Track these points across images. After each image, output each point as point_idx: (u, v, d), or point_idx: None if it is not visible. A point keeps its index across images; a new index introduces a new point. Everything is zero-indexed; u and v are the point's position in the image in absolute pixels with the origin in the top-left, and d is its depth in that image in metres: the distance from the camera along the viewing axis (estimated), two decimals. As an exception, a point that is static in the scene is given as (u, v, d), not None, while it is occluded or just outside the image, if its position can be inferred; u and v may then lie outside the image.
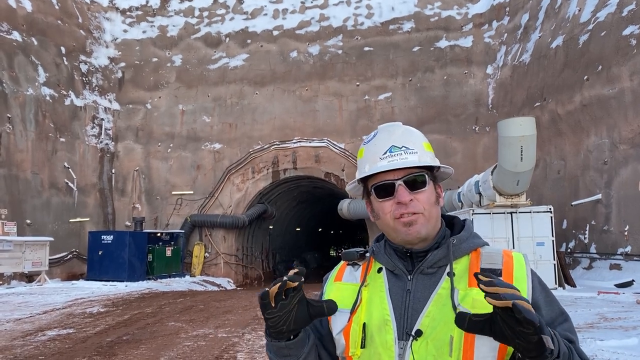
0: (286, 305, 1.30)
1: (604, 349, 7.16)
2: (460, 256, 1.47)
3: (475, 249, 1.49)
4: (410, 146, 1.50)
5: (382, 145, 1.52)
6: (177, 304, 14.20)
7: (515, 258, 1.46)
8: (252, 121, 25.77)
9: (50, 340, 8.89)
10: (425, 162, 1.49)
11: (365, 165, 1.54)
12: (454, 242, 1.47)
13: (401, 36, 25.41)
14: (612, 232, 16.35)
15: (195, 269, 24.73)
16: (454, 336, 1.34)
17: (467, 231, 1.51)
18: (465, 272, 1.44)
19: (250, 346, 8.40)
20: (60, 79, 23.50)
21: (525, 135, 13.95)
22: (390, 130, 1.56)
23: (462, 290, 1.39)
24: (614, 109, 16.61)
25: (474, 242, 1.49)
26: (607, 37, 17.06)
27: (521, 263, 1.44)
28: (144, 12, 27.65)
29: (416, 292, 1.44)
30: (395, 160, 1.47)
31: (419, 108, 24.20)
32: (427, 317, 1.39)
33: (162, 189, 25.90)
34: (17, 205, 20.49)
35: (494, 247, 1.52)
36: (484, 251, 1.48)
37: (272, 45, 26.47)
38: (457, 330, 1.32)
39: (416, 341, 1.38)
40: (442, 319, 1.37)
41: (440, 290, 1.41)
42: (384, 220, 1.49)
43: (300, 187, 28.83)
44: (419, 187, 1.47)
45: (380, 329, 1.43)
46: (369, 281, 1.53)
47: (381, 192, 1.48)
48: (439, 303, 1.40)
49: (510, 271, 1.42)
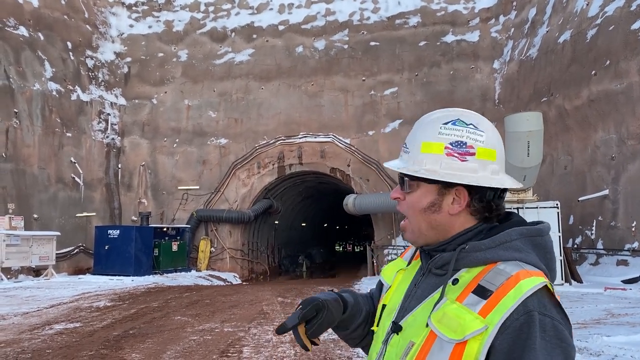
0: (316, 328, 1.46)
1: (610, 344, 7.13)
2: (473, 266, 1.31)
3: (495, 261, 1.29)
4: (409, 144, 1.42)
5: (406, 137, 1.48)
6: (183, 298, 14.25)
7: (519, 285, 1.20)
8: (257, 116, 25.76)
9: (58, 334, 8.94)
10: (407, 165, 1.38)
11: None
12: (466, 248, 1.31)
13: (407, 31, 25.31)
14: (619, 228, 16.27)
15: (201, 264, 24.80)
16: (416, 343, 1.29)
17: (495, 240, 1.30)
18: (466, 283, 1.29)
19: (257, 340, 8.42)
20: (66, 74, 23.56)
21: (532, 130, 13.90)
22: (418, 121, 1.47)
23: (449, 301, 1.27)
24: (621, 104, 16.49)
25: (497, 254, 1.29)
26: (615, 31, 16.91)
27: (518, 292, 1.18)
28: (149, 7, 27.67)
29: (419, 289, 1.40)
30: (395, 158, 1.45)
31: (425, 103, 24.10)
32: (412, 316, 1.36)
33: (168, 184, 25.97)
34: (24, 200, 20.60)
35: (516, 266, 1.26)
36: (498, 267, 1.27)
37: (277, 40, 26.42)
38: (420, 339, 1.28)
39: (396, 335, 1.37)
40: (418, 323, 1.32)
41: (435, 295, 1.33)
42: None
43: (305, 182, 28.83)
44: (404, 188, 1.41)
45: (389, 314, 1.45)
46: (410, 266, 1.53)
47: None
48: (426, 307, 1.33)
49: (499, 297, 1.20)
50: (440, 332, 1.24)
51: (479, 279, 1.27)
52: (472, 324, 1.19)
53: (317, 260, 38.42)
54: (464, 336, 1.19)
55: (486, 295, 1.22)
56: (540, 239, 1.34)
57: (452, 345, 1.21)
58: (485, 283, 1.25)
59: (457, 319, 1.22)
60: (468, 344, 1.19)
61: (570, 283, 15.05)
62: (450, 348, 1.21)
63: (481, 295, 1.23)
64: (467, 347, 1.19)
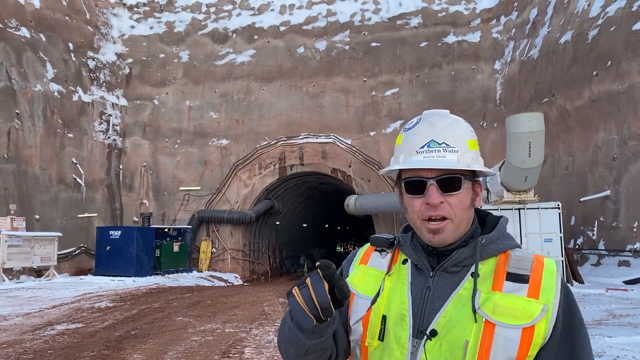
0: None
1: (612, 345, 7.12)
2: (488, 257, 1.37)
3: (505, 251, 1.39)
4: (452, 143, 1.38)
5: (422, 137, 1.40)
6: (185, 299, 14.25)
7: (547, 265, 1.35)
8: (259, 117, 25.78)
9: (59, 335, 8.95)
10: (465, 164, 1.37)
11: (400, 155, 1.44)
12: (483, 242, 1.37)
13: (408, 31, 25.31)
14: (621, 229, 16.25)
15: (203, 265, 24.81)
16: (470, 340, 1.28)
17: (499, 231, 1.41)
18: (490, 274, 1.35)
19: (258, 341, 8.42)
20: (68, 75, 23.59)
21: (533, 131, 13.87)
22: (434, 122, 1.42)
23: (485, 293, 1.31)
24: (623, 104, 16.47)
25: (504, 244, 1.39)
26: (616, 32, 16.91)
27: (552, 271, 1.33)
28: (151, 8, 27.70)
29: (436, 290, 1.38)
30: (432, 158, 1.37)
31: (426, 104, 24.10)
32: (444, 317, 1.33)
33: (169, 184, 25.99)
34: (25, 201, 20.62)
35: (525, 251, 1.40)
36: (514, 254, 1.37)
37: (279, 41, 26.44)
38: (474, 335, 1.28)
39: (430, 341, 1.33)
40: (460, 321, 1.31)
41: (461, 291, 1.34)
42: (411, 217, 1.42)
43: (307, 183, 28.83)
44: (453, 189, 1.36)
45: (397, 323, 1.38)
46: (394, 272, 1.47)
47: (411, 188, 1.39)
48: (458, 304, 1.33)
49: (539, 279, 1.32)
50: (501, 321, 1.28)
51: (504, 267, 1.35)
52: (532, 306, 1.28)
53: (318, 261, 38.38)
54: (534, 319, 1.27)
55: (524, 279, 1.32)
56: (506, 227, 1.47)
57: (519, 330, 1.27)
58: (514, 270, 1.34)
59: (512, 305, 1.29)
60: (537, 325, 1.27)
61: (572, 284, 15.03)
62: (519, 334, 1.27)
63: (519, 281, 1.32)
64: (536, 328, 1.27)
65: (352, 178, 24.59)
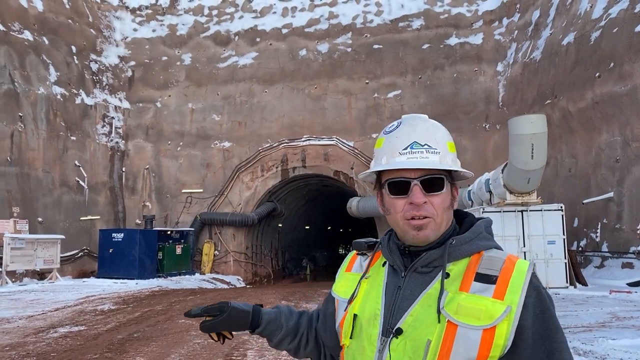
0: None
1: (616, 348, 7.10)
2: (459, 258, 1.39)
3: (479, 251, 1.39)
4: (433, 145, 1.42)
5: (403, 139, 1.43)
6: (187, 301, 14.25)
7: (517, 266, 1.33)
8: (261, 119, 25.80)
9: (62, 337, 8.96)
10: (447, 164, 1.41)
11: (382, 157, 1.46)
12: (453, 243, 1.40)
13: (411, 34, 25.31)
14: (624, 231, 16.20)
15: (205, 267, 24.82)
16: (432, 340, 1.30)
17: (473, 232, 1.42)
18: (460, 275, 1.36)
19: (260, 344, 8.41)
20: (71, 77, 23.66)
21: (536, 133, 13.84)
22: (414, 124, 1.46)
23: (452, 293, 1.33)
24: (626, 106, 16.44)
25: (477, 245, 1.40)
26: (619, 33, 16.88)
27: (521, 272, 1.31)
28: (153, 11, 27.76)
29: (406, 290, 1.41)
30: (415, 159, 1.40)
31: (428, 106, 24.09)
32: (411, 317, 1.36)
33: (172, 187, 26.02)
34: (29, 203, 20.67)
35: (500, 252, 1.40)
36: (487, 255, 1.38)
37: (281, 43, 26.48)
38: (437, 335, 1.29)
39: (396, 339, 1.36)
40: (424, 320, 1.33)
41: (430, 291, 1.37)
42: (393, 218, 1.44)
43: (309, 185, 28.83)
44: (436, 189, 1.40)
45: (369, 322, 1.43)
46: (371, 274, 1.52)
47: (395, 189, 1.42)
48: (425, 303, 1.35)
49: (507, 280, 1.30)
50: (462, 322, 1.28)
51: (474, 268, 1.35)
52: (495, 307, 1.27)
53: (320, 263, 38.39)
54: (494, 320, 1.26)
55: (492, 279, 1.32)
56: (490, 228, 1.48)
57: (480, 331, 1.26)
58: (484, 270, 1.34)
59: (476, 306, 1.28)
60: (498, 327, 1.26)
61: (575, 286, 14.98)
62: (479, 335, 1.26)
63: (486, 281, 1.32)
64: (497, 329, 1.26)
65: (355, 180, 24.58)
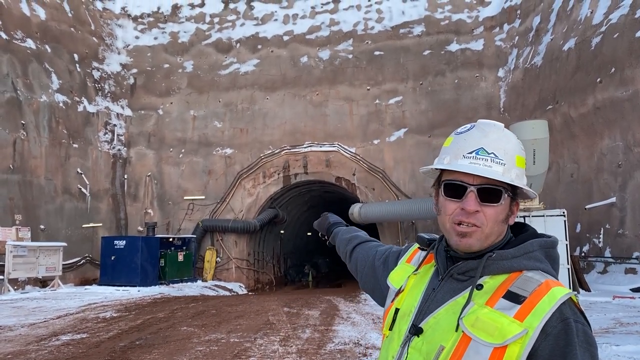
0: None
1: (619, 354, 7.06)
2: (497, 273, 1.35)
3: (520, 270, 1.34)
4: (500, 155, 1.37)
5: (472, 143, 1.39)
6: (190, 308, 14.23)
7: (552, 291, 1.26)
8: (263, 126, 25.84)
9: (64, 345, 8.95)
10: (509, 178, 1.36)
11: (446, 157, 1.43)
12: (492, 257, 1.36)
13: (412, 40, 25.38)
14: (627, 236, 16.16)
15: (207, 274, 24.79)
16: (446, 347, 1.29)
17: (520, 250, 1.36)
18: (492, 289, 1.33)
19: (263, 351, 8.39)
20: (73, 85, 23.74)
21: (537, 138, 13.86)
22: (487, 131, 1.41)
23: (477, 305, 1.31)
24: (627, 111, 16.44)
25: (520, 263, 1.34)
26: (620, 39, 16.90)
27: (552, 298, 1.24)
28: (155, 19, 27.89)
29: (439, 293, 1.41)
30: (478, 165, 1.36)
31: (430, 112, 24.13)
32: (434, 319, 1.36)
33: (174, 194, 26.04)
34: (31, 211, 20.69)
35: (542, 275, 1.32)
36: (525, 274, 1.32)
37: (282, 50, 26.56)
38: (451, 343, 1.29)
39: (417, 338, 1.36)
40: (444, 326, 1.33)
41: (459, 299, 1.35)
42: (442, 219, 1.43)
43: (311, 191, 28.83)
44: (492, 200, 1.36)
45: (403, 317, 1.45)
46: (421, 271, 1.53)
47: (450, 191, 1.39)
48: (450, 310, 1.35)
49: (534, 303, 1.25)
50: (476, 336, 1.25)
51: (508, 285, 1.31)
52: (511, 327, 1.23)
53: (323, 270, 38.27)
54: (505, 340, 1.22)
55: (520, 300, 1.26)
56: (552, 251, 1.40)
57: (491, 349, 1.23)
58: (515, 289, 1.29)
59: (493, 322, 1.25)
60: (509, 348, 1.22)
61: (579, 292, 14.93)
62: (489, 352, 1.23)
63: (514, 300, 1.27)
64: (507, 350, 1.22)
65: (357, 186, 24.58)
